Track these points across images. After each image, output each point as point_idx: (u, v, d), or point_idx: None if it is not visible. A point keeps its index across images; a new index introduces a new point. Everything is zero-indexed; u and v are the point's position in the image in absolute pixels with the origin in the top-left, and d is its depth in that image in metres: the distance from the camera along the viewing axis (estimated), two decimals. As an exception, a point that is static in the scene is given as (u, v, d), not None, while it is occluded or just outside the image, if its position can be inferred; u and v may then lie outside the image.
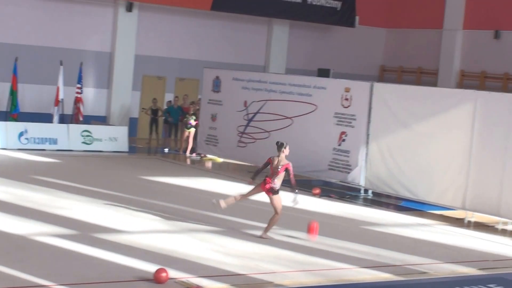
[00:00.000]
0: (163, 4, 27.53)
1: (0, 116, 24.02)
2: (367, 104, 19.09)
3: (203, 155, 24.39)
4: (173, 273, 10.57)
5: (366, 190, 19.40)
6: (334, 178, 20.00)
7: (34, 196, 15.77)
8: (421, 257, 13.03)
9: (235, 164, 23.48)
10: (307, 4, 29.80)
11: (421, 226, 16.05)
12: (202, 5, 27.73)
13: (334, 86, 20.20)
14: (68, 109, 24.74)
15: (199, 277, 10.67)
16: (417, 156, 17.83)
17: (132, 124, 27.63)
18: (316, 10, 30.03)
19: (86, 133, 23.69)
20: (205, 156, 24.33)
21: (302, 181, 19.77)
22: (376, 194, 19.23)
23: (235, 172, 22.11)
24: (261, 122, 21.93)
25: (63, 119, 24.29)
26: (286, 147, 13.43)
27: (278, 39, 30.93)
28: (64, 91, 24.38)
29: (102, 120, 26.93)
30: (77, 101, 24.80)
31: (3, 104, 24.66)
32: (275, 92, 21.65)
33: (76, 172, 19.75)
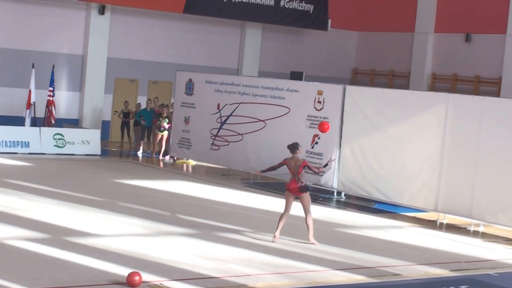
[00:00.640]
0: (136, 7, 27.43)
1: (-29, 120, 23.88)
2: (340, 107, 19.16)
3: (176, 158, 24.34)
4: (146, 277, 10.53)
5: (339, 193, 19.46)
6: (307, 181, 19.96)
7: (6, 200, 15.62)
8: (394, 259, 13.09)
9: (209, 167, 23.46)
10: (280, 7, 29.85)
11: (394, 228, 16.13)
12: (175, 8, 27.65)
13: (307, 89, 20.25)
14: (40, 112, 24.56)
15: (173, 280, 10.65)
16: (390, 159, 17.93)
17: (105, 127, 27.50)
18: (289, 13, 30.09)
19: (59, 136, 23.54)
20: (178, 159, 24.29)
21: (276, 184, 19.80)
22: (349, 197, 19.30)
23: (208, 175, 22.09)
24: (234, 125, 21.93)
25: (35, 122, 24.12)
26: (299, 147, 13.87)
27: (251, 42, 30.95)
28: (36, 94, 24.23)
29: (75, 123, 26.77)
30: (49, 104, 24.62)
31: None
32: (248, 95, 21.65)
33: (49, 176, 19.62)
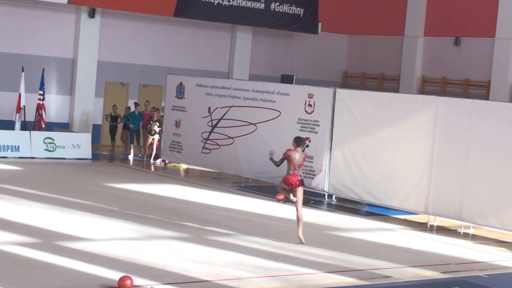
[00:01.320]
0: (126, 10, 27.39)
1: (-39, 124, 23.79)
2: (330, 110, 19.20)
3: (167, 162, 24.33)
4: (138, 281, 10.52)
5: (330, 196, 19.49)
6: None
7: (-4, 204, 15.61)
8: (385, 261, 13.12)
9: (200, 171, 23.46)
10: (270, 11, 29.87)
11: (385, 231, 16.16)
12: (165, 11, 27.64)
13: (298, 92, 20.28)
14: (30, 116, 24.50)
15: (164, 284, 10.64)
16: (380, 161, 17.97)
17: (95, 131, 27.46)
18: (279, 17, 30.13)
19: (49, 140, 23.48)
20: (169, 163, 24.28)
21: (267, 187, 19.83)
22: (340, 200, 19.33)
23: (200, 179, 22.09)
24: (225, 128, 21.93)
25: (25, 126, 24.06)
26: (304, 140, 14.35)
27: (242, 46, 30.96)
28: (26, 98, 24.17)
29: (65, 127, 26.71)
30: (39, 108, 24.57)
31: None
32: (239, 99, 21.66)
33: (39, 180, 19.58)
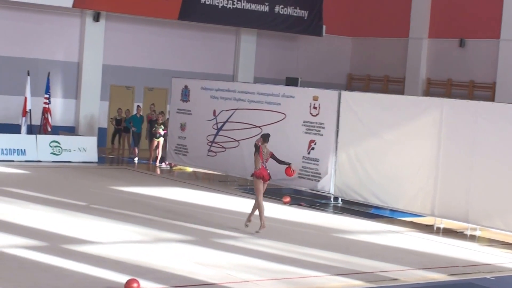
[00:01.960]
0: (131, 14, 27.45)
1: (-33, 128, 23.85)
2: (335, 112, 19.20)
3: (173, 165, 24.35)
4: (144, 284, 10.54)
5: (336, 198, 19.48)
6: (304, 186, 20.06)
7: (3, 208, 15.62)
8: (392, 264, 13.11)
9: (205, 173, 23.47)
10: (275, 13, 29.91)
11: (391, 233, 16.15)
12: (170, 15, 27.68)
13: (303, 95, 20.29)
14: (36, 120, 24.56)
15: (171, 287, 10.66)
16: (386, 164, 17.96)
17: (101, 134, 27.49)
18: (284, 19, 30.15)
19: (55, 144, 23.53)
20: (175, 166, 24.30)
21: (272, 190, 19.81)
22: (346, 202, 19.31)
23: (205, 182, 22.10)
24: (231, 131, 21.95)
25: (31, 130, 24.11)
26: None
27: (246, 48, 30.98)
28: (32, 102, 24.22)
29: (71, 131, 26.76)
30: (45, 112, 24.62)
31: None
32: (244, 101, 21.68)
33: (45, 183, 19.61)
